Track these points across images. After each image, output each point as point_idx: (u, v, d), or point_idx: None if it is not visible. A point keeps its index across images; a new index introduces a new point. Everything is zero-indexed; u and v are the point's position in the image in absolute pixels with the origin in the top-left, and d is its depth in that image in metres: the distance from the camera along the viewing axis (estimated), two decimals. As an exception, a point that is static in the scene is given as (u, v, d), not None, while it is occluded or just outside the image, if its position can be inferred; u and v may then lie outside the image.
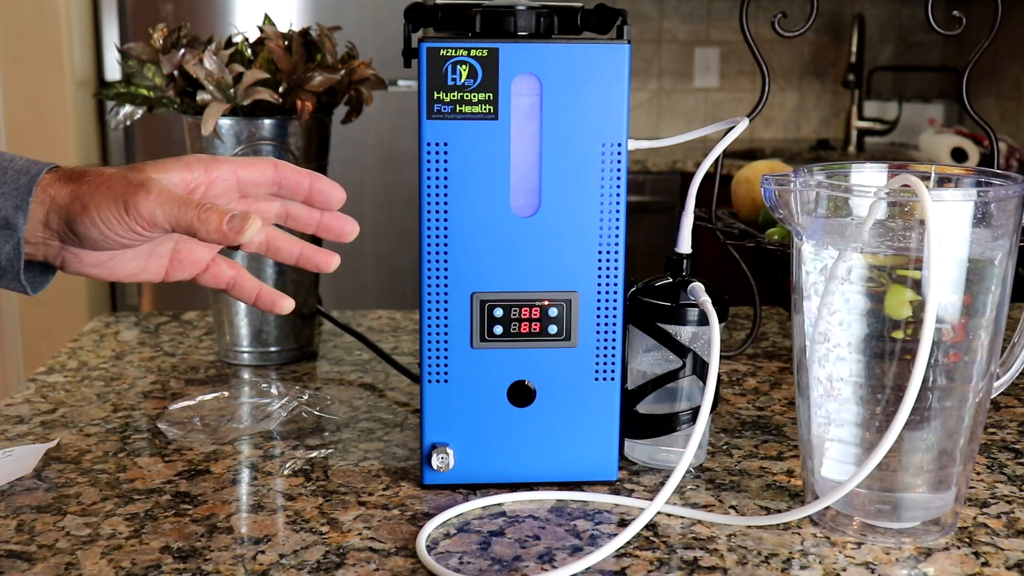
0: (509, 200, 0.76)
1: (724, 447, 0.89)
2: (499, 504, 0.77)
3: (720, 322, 0.78)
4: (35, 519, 0.75)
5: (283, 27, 1.08)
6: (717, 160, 0.98)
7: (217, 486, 0.80)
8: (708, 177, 0.90)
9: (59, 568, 0.68)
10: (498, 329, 0.77)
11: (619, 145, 0.76)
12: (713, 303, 0.79)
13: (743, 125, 0.81)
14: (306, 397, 0.99)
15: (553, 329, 0.78)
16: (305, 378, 1.07)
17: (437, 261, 0.76)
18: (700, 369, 0.81)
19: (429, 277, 0.77)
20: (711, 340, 0.77)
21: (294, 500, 0.78)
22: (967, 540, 0.72)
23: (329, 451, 0.87)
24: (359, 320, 1.28)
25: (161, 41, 1.05)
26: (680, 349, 0.81)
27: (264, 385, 1.02)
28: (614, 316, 0.78)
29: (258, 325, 1.09)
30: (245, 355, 1.10)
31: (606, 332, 0.78)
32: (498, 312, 0.77)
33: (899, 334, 0.68)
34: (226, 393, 1.00)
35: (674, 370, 0.81)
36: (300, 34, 1.06)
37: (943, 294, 0.68)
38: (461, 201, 0.75)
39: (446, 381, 0.78)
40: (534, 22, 0.77)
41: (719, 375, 0.80)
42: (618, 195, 0.76)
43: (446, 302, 0.77)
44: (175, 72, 1.03)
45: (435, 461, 0.78)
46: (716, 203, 1.07)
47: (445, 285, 0.77)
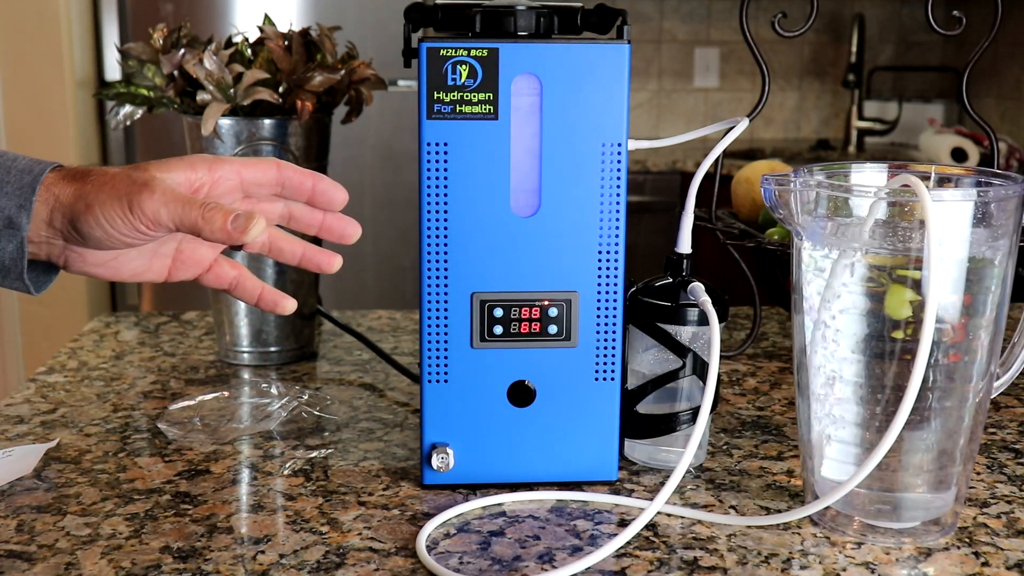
0: (509, 200, 0.76)
1: (724, 447, 0.89)
2: (499, 504, 0.77)
3: (720, 322, 0.78)
4: (35, 519, 0.75)
5: (283, 27, 1.08)
6: (717, 160, 0.98)
7: (217, 486, 0.80)
8: (708, 177, 0.90)
9: (59, 568, 0.68)
10: (498, 329, 0.77)
11: (619, 145, 0.76)
12: (713, 303, 0.79)
13: (743, 125, 0.81)
14: (306, 397, 0.99)
15: (553, 329, 0.78)
16: (305, 378, 1.07)
17: (437, 261, 0.76)
18: (700, 369, 0.81)
19: (429, 277, 0.77)
20: (711, 340, 0.77)
21: (294, 500, 0.78)
22: (967, 540, 0.72)
23: (329, 451, 0.87)
24: (359, 320, 1.28)
25: (161, 41, 1.05)
26: (680, 349, 0.81)
27: (264, 385, 1.02)
28: (614, 316, 0.78)
29: (258, 325, 1.09)
30: (245, 355, 1.10)
31: (606, 332, 0.78)
32: (498, 312, 0.77)
33: (899, 334, 0.68)
34: (226, 393, 1.00)
35: (674, 370, 0.81)
36: (300, 34, 1.06)
37: (943, 294, 0.68)
38: (461, 201, 0.75)
39: (446, 381, 0.78)
40: (534, 22, 0.77)
41: (719, 375, 0.80)
42: (618, 195, 0.76)
43: (446, 302, 0.77)
44: (175, 72, 1.03)
45: (435, 461, 0.78)
46: (716, 203, 1.07)
47: (445, 285, 0.77)
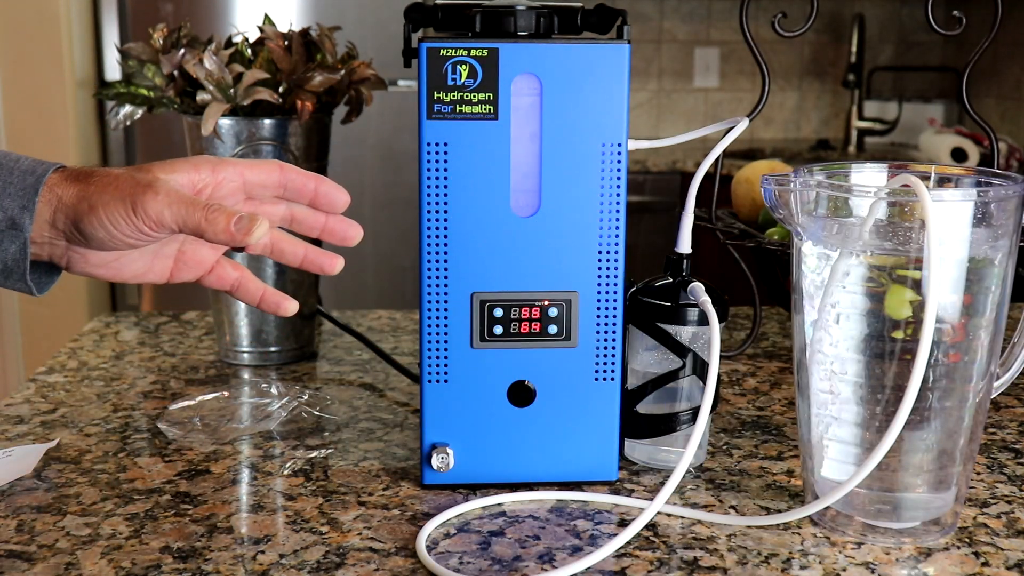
0: (509, 200, 0.76)
1: (724, 447, 0.89)
2: (499, 504, 0.77)
3: (720, 322, 0.78)
4: (35, 519, 0.75)
5: (283, 27, 1.08)
6: (717, 160, 0.98)
7: (217, 486, 0.80)
8: (708, 177, 0.90)
9: (59, 568, 0.68)
10: (498, 329, 0.77)
11: (619, 145, 0.76)
12: (713, 303, 0.79)
13: (743, 125, 0.81)
14: (306, 397, 0.99)
15: (553, 329, 0.78)
16: (305, 378, 1.07)
17: (437, 261, 0.76)
18: (700, 369, 0.81)
19: (429, 277, 0.77)
20: (711, 340, 0.77)
21: (294, 500, 0.78)
22: (967, 540, 0.72)
23: (329, 451, 0.87)
24: (359, 320, 1.28)
25: (161, 41, 1.05)
26: (680, 349, 0.81)
27: (264, 385, 1.02)
28: (614, 316, 0.78)
29: (258, 325, 1.09)
30: (245, 355, 1.10)
31: (606, 332, 0.78)
32: (498, 312, 0.77)
33: (899, 334, 0.68)
34: (226, 393, 1.00)
35: (674, 370, 0.81)
36: (300, 34, 1.06)
37: (943, 294, 0.68)
38: (461, 201, 0.75)
39: (446, 381, 0.78)
40: (534, 22, 0.77)
41: (719, 375, 0.80)
42: (618, 195, 0.76)
43: (446, 302, 0.77)
44: (175, 72, 1.03)
45: (435, 461, 0.78)
46: (716, 203, 1.07)
47: (445, 285, 0.77)
